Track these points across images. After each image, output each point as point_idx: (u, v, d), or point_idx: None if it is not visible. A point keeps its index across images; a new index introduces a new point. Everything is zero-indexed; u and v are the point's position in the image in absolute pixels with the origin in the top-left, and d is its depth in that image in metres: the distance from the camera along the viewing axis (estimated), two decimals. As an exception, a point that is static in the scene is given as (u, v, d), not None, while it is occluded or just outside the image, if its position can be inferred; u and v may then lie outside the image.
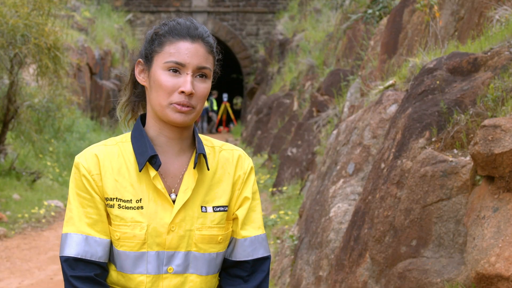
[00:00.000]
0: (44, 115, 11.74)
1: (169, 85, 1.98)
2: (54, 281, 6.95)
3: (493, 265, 3.10)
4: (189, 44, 2.00)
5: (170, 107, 1.99)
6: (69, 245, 2.01)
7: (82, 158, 2.05)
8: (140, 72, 2.08)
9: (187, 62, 1.99)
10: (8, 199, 10.09)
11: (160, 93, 1.99)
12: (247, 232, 2.11)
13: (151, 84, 2.03)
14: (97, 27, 20.25)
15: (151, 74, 2.03)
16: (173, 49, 2.00)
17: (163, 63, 2.00)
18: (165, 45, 2.01)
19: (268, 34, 25.94)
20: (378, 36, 8.14)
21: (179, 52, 1.99)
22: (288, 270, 6.09)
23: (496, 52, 4.06)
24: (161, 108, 2.00)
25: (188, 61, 1.99)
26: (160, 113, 2.02)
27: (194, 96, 2.00)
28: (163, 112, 2.00)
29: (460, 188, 3.71)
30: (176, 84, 1.98)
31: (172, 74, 1.99)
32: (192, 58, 1.99)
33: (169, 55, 1.99)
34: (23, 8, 10.04)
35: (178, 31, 2.02)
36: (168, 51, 2.00)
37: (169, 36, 2.02)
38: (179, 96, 1.98)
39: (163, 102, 1.99)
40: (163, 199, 2.04)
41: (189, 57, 1.99)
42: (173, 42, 2.01)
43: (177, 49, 1.99)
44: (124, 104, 2.18)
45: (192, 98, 1.99)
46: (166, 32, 2.02)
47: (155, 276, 2.03)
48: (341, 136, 6.03)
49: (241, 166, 2.14)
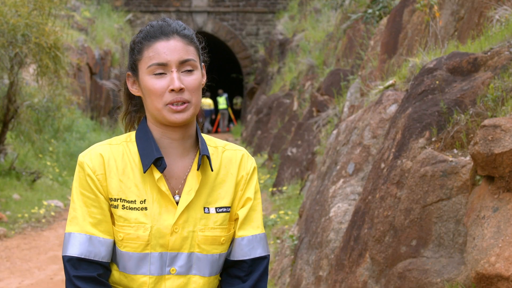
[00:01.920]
0: (44, 115, 11.75)
1: (158, 87, 1.99)
2: (54, 281, 6.95)
3: (493, 265, 3.10)
4: (165, 42, 2.01)
5: (166, 108, 2.00)
6: (72, 244, 2.00)
7: (87, 157, 2.05)
8: (132, 84, 2.09)
9: (167, 60, 1.99)
10: (8, 199, 10.09)
11: (153, 98, 2.00)
12: (245, 231, 2.11)
13: (144, 92, 2.04)
14: (97, 27, 20.25)
15: (140, 82, 2.04)
16: (151, 52, 2.01)
17: (147, 69, 2.01)
18: (144, 50, 2.02)
19: (268, 34, 25.93)
20: (378, 36, 8.15)
21: (157, 53, 2.00)
22: (288, 270, 6.09)
23: (496, 52, 4.06)
24: (159, 112, 2.01)
25: (168, 58, 1.99)
26: (159, 117, 2.02)
27: (186, 90, 2.00)
28: (161, 116, 2.01)
29: (460, 188, 3.71)
30: (164, 85, 1.99)
31: (159, 76, 2.00)
32: (171, 55, 2.00)
33: (149, 59, 2.00)
34: (23, 8, 10.04)
35: (152, 33, 2.03)
36: (147, 55, 2.01)
37: (145, 41, 2.02)
38: (170, 95, 1.99)
39: (158, 105, 2.00)
40: (167, 201, 2.04)
41: (168, 55, 1.99)
42: (150, 46, 2.01)
43: (154, 51, 2.00)
44: (123, 116, 2.19)
45: (184, 93, 2.00)
46: (142, 38, 2.03)
47: (158, 277, 2.03)
48: (341, 136, 6.04)
49: (244, 167, 2.14)
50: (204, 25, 26.16)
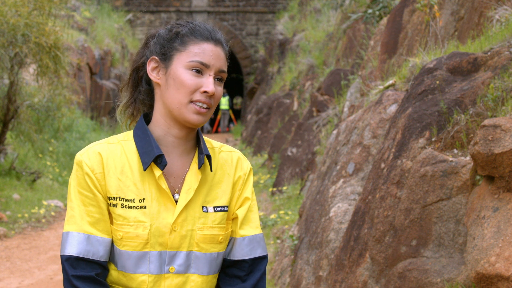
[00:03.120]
0: (44, 115, 11.75)
1: (192, 83, 2.00)
2: (54, 281, 6.95)
3: (493, 265, 3.10)
4: (213, 47, 2.03)
5: (189, 105, 2.00)
6: (70, 244, 2.00)
7: (85, 156, 2.04)
8: (153, 69, 2.06)
9: (211, 63, 2.01)
10: (8, 199, 10.09)
11: (181, 91, 2.00)
12: (246, 231, 2.12)
13: (170, 82, 2.02)
14: (97, 27, 20.25)
15: (171, 72, 2.02)
16: (197, 49, 2.01)
17: (187, 62, 2.01)
18: (189, 44, 2.02)
19: (268, 34, 25.95)
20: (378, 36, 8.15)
21: (204, 52, 2.01)
22: (288, 270, 6.09)
23: (496, 52, 4.06)
24: (180, 106, 2.00)
25: (212, 62, 2.02)
26: (176, 111, 2.02)
27: (213, 97, 2.03)
28: (180, 111, 2.01)
29: (460, 188, 3.71)
30: (198, 83, 2.00)
31: (195, 74, 2.01)
32: (216, 60, 2.02)
33: (194, 54, 2.01)
34: (23, 7, 10.03)
35: (201, 32, 2.04)
36: (192, 50, 2.01)
37: (191, 36, 2.03)
38: (201, 95, 2.00)
39: (183, 100, 2.00)
40: (167, 199, 2.04)
41: (213, 59, 2.02)
42: (197, 43, 2.02)
43: (202, 49, 2.02)
44: (124, 107, 2.16)
45: (212, 98, 2.02)
46: (189, 32, 2.04)
47: (157, 275, 2.03)
48: (341, 136, 6.04)
49: (241, 168, 2.16)
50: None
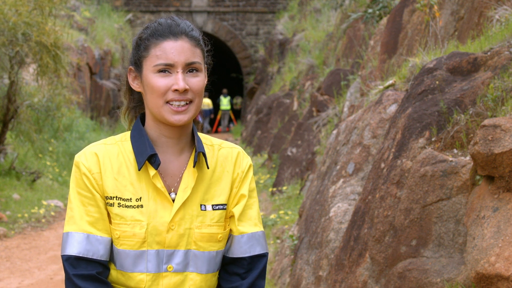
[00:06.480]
0: (44, 115, 11.75)
1: (161, 85, 2.00)
2: (54, 281, 6.95)
3: (493, 265, 3.10)
4: (173, 43, 2.01)
5: (166, 107, 2.01)
6: (70, 243, 2.02)
7: (83, 157, 2.06)
8: (133, 80, 2.10)
9: (174, 61, 2.00)
10: (8, 199, 10.09)
11: (154, 95, 2.01)
12: (244, 228, 2.11)
13: (145, 89, 2.05)
14: (97, 27, 20.25)
15: (143, 79, 2.04)
16: (158, 51, 2.01)
17: (152, 67, 2.01)
18: (151, 48, 2.02)
19: (268, 34, 25.94)
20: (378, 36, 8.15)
21: (165, 52, 2.00)
22: (288, 270, 6.09)
23: (496, 52, 4.06)
24: (158, 110, 2.02)
25: (175, 59, 2.00)
26: (158, 115, 2.03)
27: (190, 91, 2.01)
28: (160, 114, 2.02)
29: (460, 188, 3.71)
30: (168, 83, 2.00)
31: (163, 75, 2.01)
32: (179, 56, 2.00)
33: (156, 57, 2.01)
34: (23, 7, 10.03)
35: (160, 31, 2.02)
36: (154, 54, 2.01)
37: (152, 39, 2.03)
38: (173, 93, 2.00)
39: (158, 102, 2.01)
40: (163, 198, 2.05)
41: (175, 56, 2.00)
42: (158, 44, 2.01)
43: (162, 50, 2.00)
44: (124, 112, 2.20)
45: (187, 93, 2.01)
46: (149, 35, 2.04)
47: (155, 274, 2.04)
48: (341, 136, 6.04)
49: (240, 164, 2.15)
50: (204, 25, 26.17)
